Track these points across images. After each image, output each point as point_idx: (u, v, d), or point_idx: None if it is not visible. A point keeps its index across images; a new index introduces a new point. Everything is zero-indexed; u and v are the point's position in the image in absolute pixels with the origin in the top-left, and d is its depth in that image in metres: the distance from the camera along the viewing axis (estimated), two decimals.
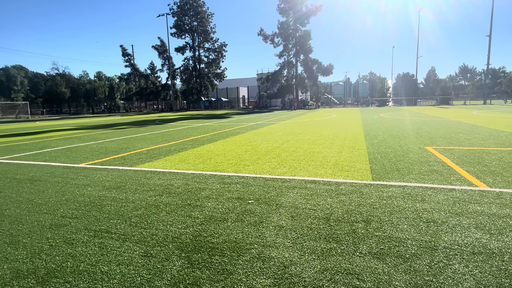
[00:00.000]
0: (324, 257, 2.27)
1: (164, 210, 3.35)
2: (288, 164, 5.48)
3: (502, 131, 9.66)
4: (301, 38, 48.59)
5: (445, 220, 2.87)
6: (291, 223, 2.89)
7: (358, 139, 8.62)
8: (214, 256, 2.33)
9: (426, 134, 9.39)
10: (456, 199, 3.41)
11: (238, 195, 3.78)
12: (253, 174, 4.83)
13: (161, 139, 10.21)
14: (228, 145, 8.22)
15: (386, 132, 10.10)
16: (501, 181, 4.05)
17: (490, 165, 4.95)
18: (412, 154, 6.07)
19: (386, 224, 2.81)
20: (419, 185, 3.99)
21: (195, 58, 57.48)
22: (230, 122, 17.91)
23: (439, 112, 24.03)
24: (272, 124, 15.58)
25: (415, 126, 12.20)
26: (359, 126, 12.63)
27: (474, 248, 2.33)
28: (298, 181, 4.33)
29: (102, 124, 21.11)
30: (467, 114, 19.49)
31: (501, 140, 7.62)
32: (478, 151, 6.27)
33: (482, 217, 2.91)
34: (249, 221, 2.97)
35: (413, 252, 2.30)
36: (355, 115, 21.71)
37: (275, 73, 51.25)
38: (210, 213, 3.22)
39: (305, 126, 13.42)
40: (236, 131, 12.06)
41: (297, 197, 3.64)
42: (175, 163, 5.91)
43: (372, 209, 3.18)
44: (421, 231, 2.65)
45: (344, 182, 4.22)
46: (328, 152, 6.62)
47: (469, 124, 12.26)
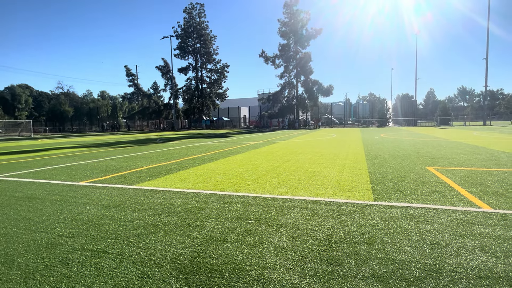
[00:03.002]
0: (326, 280, 2.20)
1: (162, 229, 3.30)
2: (288, 184, 5.44)
3: (503, 152, 9.64)
4: (301, 59, 49.66)
5: (449, 242, 2.81)
6: (292, 244, 2.83)
7: (359, 159, 8.61)
8: (213, 278, 2.27)
9: (427, 154, 9.37)
10: (460, 221, 3.36)
11: (238, 215, 3.72)
12: (253, 194, 4.79)
13: (162, 157, 10.22)
14: (229, 164, 8.21)
15: (387, 152, 10.09)
16: (504, 203, 4.00)
17: (492, 186, 4.91)
18: (413, 175, 6.03)
19: (389, 246, 2.75)
20: (421, 206, 3.94)
21: (197, 78, 58.55)
22: (231, 141, 17.97)
23: (439, 132, 24.10)
24: (273, 143, 15.62)
25: (416, 146, 12.20)
26: (360, 146, 12.63)
27: (480, 272, 2.27)
28: (299, 201, 4.29)
29: (103, 142, 21.20)
30: (468, 135, 19.54)
31: (502, 161, 7.59)
32: (479, 172, 6.23)
33: (487, 239, 2.85)
34: (249, 242, 2.91)
35: (418, 276, 2.24)
36: (355, 135, 21.79)
37: (276, 93, 51.99)
38: (209, 233, 3.16)
39: (305, 146, 13.44)
40: (237, 150, 12.07)
41: (298, 217, 3.59)
42: (175, 182, 5.88)
43: (374, 230, 3.13)
44: (425, 254, 2.58)
45: (346, 202, 4.18)
46: (329, 171, 6.59)
47: (469, 145, 12.26)
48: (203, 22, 57.03)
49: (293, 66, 51.00)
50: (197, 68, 58.24)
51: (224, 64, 58.51)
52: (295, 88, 51.95)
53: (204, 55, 57.88)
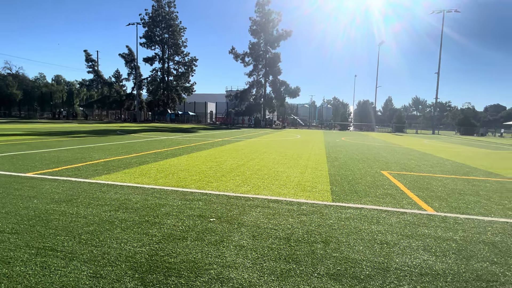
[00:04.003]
0: (283, 278, 2.27)
1: (119, 226, 3.16)
2: (252, 183, 5.49)
3: (447, 159, 10.58)
4: (271, 59, 50.15)
5: (397, 242, 3.03)
6: (252, 243, 2.87)
7: (321, 160, 8.93)
8: (171, 277, 2.22)
9: (382, 159, 9.98)
10: (407, 222, 3.63)
11: (199, 213, 3.68)
12: (216, 191, 4.76)
13: (121, 150, 9.75)
14: (193, 160, 8.07)
15: (347, 155, 10.58)
16: (445, 206, 4.40)
17: (436, 191, 5.37)
18: (369, 178, 6.40)
19: (343, 245, 2.90)
20: (374, 208, 4.19)
21: (163, 70, 56.60)
22: (196, 137, 17.67)
23: (394, 139, 25.77)
24: (239, 141, 15.63)
25: (373, 151, 12.94)
26: (322, 148, 13.10)
27: (422, 270, 2.48)
28: (261, 200, 4.35)
29: (56, 131, 19.71)
30: (419, 143, 21.13)
31: (446, 168, 8.33)
32: (426, 177, 6.79)
33: (429, 239, 3.12)
34: (210, 240, 2.89)
35: (368, 273, 2.39)
36: (318, 137, 22.54)
37: (244, 91, 51.98)
38: (169, 231, 3.09)
39: (271, 146, 13.63)
40: (201, 147, 11.90)
41: (259, 216, 3.64)
42: (135, 177, 5.65)
43: (331, 230, 3.27)
44: (375, 253, 2.76)
45: (306, 203, 4.32)
46: (292, 172, 6.76)
47: (420, 152, 13.28)
48: (173, 12, 55.22)
49: (262, 65, 51.33)
50: (164, 59, 56.28)
51: (193, 58, 57.22)
52: (263, 87, 52.38)
53: (172, 46, 56.09)
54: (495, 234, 3.34)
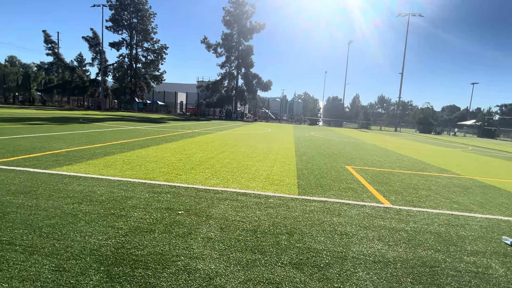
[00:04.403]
0: (249, 268, 2.38)
1: (83, 219, 3.09)
2: (221, 176, 5.54)
3: (406, 156, 11.33)
4: (243, 52, 49.84)
5: (356, 233, 3.27)
6: (220, 235, 2.95)
7: (290, 154, 9.17)
8: (137, 269, 2.24)
9: (347, 154, 10.46)
10: (366, 214, 3.91)
11: (167, 205, 3.69)
12: (185, 184, 4.76)
13: (84, 140, 9.31)
14: (161, 152, 7.93)
15: (315, 150, 10.95)
16: (401, 200, 4.77)
17: (394, 185, 5.78)
18: (334, 172, 6.71)
19: (306, 236, 3.07)
20: (337, 201, 4.44)
21: (131, 56, 54.12)
22: (166, 128, 17.26)
23: (360, 135, 26.96)
24: (209, 133, 15.52)
25: (340, 146, 13.49)
26: (292, 143, 13.42)
27: (376, 258, 2.71)
28: (230, 193, 4.42)
29: (10, 117, 18.27)
30: (382, 139, 22.30)
31: (404, 164, 8.93)
32: (386, 172, 7.25)
33: (384, 230, 3.39)
34: (178, 233, 2.93)
35: (327, 262, 2.57)
36: (288, 132, 22.98)
37: (215, 82, 51.32)
38: (136, 223, 3.08)
39: (241, 139, 13.70)
40: (171, 138, 11.68)
41: (227, 209, 3.72)
42: (100, 168, 5.47)
43: (295, 222, 3.44)
44: (335, 243, 2.97)
45: (273, 196, 4.46)
46: (261, 165, 6.90)
47: (382, 148, 14.06)
48: None
49: (234, 57, 50.87)
50: (131, 45, 53.76)
51: (163, 45, 55.24)
52: (235, 80, 52.05)
53: (140, 32, 53.69)
54: (441, 225, 3.70)
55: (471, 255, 2.91)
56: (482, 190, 5.91)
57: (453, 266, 2.66)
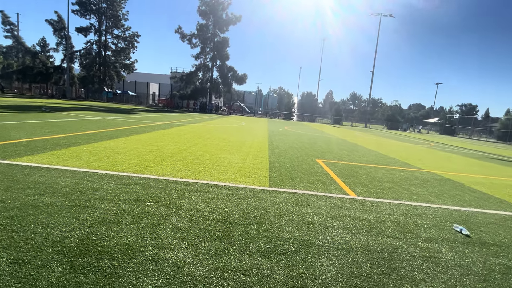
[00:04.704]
0: (217, 257, 2.42)
1: (44, 211, 2.97)
2: (193, 168, 5.51)
3: (373, 150, 11.85)
4: (219, 43, 49.13)
5: (322, 222, 3.41)
6: (189, 225, 2.96)
7: (263, 148, 9.27)
8: (103, 259, 2.21)
9: (319, 148, 10.76)
10: (333, 205, 4.08)
11: (136, 197, 3.62)
12: (155, 176, 4.69)
13: (47, 129, 8.82)
14: (131, 143, 7.71)
15: (288, 144, 11.14)
16: (366, 191, 5.02)
17: (360, 178, 6.05)
18: (305, 165, 6.89)
19: (275, 226, 3.16)
20: (306, 192, 4.59)
21: (100, 43, 51.48)
22: (136, 119, 16.72)
23: (331, 130, 27.73)
24: (182, 125, 15.26)
25: (312, 140, 13.82)
26: (265, 136, 13.55)
27: (339, 245, 2.86)
28: (201, 185, 4.42)
29: None
30: (352, 134, 23.10)
31: (371, 158, 9.35)
32: (354, 165, 7.56)
33: (348, 220, 3.57)
34: (146, 224, 2.90)
35: (293, 250, 2.68)
36: (263, 125, 23.12)
37: (190, 74, 50.24)
38: (102, 215, 3.00)
39: (215, 131, 13.62)
40: (142, 129, 11.36)
41: (198, 200, 3.73)
42: (64, 159, 5.23)
43: (265, 213, 3.52)
44: (302, 232, 3.08)
45: (244, 188, 4.52)
46: (234, 158, 6.93)
47: (351, 143, 14.59)
48: None
49: (210, 48, 50.01)
50: (100, 31, 51.09)
51: (134, 33, 53.02)
52: (210, 72, 51.27)
53: (110, 18, 51.13)
54: (400, 215, 3.96)
55: (425, 242, 3.15)
56: (439, 183, 6.35)
57: (408, 252, 2.88)
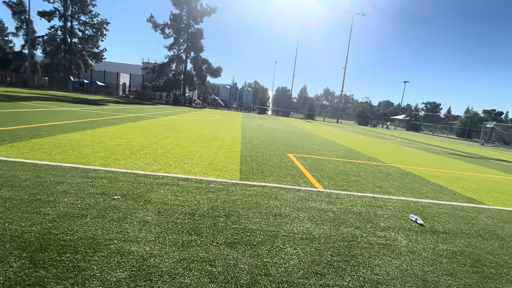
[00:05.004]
0: (184, 249, 2.46)
1: (2, 205, 2.83)
2: (163, 161, 5.45)
3: (343, 145, 12.29)
4: (193, 35, 48.08)
5: (289, 214, 3.54)
6: (157, 219, 2.96)
7: (235, 142, 9.31)
8: (65, 254, 2.17)
9: (291, 142, 10.98)
10: (300, 198, 4.23)
11: (102, 191, 3.55)
12: (123, 169, 4.59)
13: (5, 120, 8.27)
14: (99, 136, 7.44)
15: (260, 138, 11.26)
16: (332, 184, 5.24)
17: (328, 172, 6.29)
18: (276, 159, 7.04)
19: (243, 218, 3.24)
20: (276, 186, 4.72)
21: (65, 29, 48.51)
22: (105, 111, 16.07)
23: (304, 125, 28.28)
24: (154, 118, 14.89)
25: (284, 135, 14.05)
26: (238, 130, 13.58)
27: (303, 235, 3.00)
28: (171, 178, 4.40)
29: None
30: (324, 130, 23.72)
31: (340, 153, 9.71)
32: (323, 160, 7.83)
33: (314, 211, 3.73)
34: (112, 217, 2.87)
35: (260, 240, 2.77)
36: (237, 119, 23.11)
37: (162, 65, 48.82)
38: (65, 209, 2.92)
39: (187, 124, 13.44)
40: (110, 121, 10.96)
41: (167, 193, 3.72)
42: (24, 152, 4.97)
43: (234, 205, 3.59)
44: (269, 223, 3.19)
45: (215, 181, 4.56)
46: (206, 152, 6.92)
47: (323, 138, 15.01)
48: None
49: (184, 39, 48.82)
50: (66, 17, 48.10)
51: (103, 20, 50.50)
52: (184, 63, 50.13)
53: (77, 3, 48.23)
54: (363, 206, 4.19)
55: (383, 231, 3.38)
56: (401, 176, 6.76)
57: (367, 240, 3.08)
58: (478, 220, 4.21)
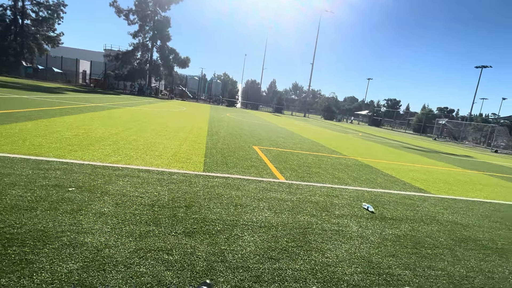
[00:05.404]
0: (141, 239, 2.46)
1: None
2: (124, 153, 5.29)
3: (308, 138, 12.68)
4: (160, 23, 46.31)
5: (249, 204, 3.64)
6: (114, 210, 2.91)
7: (201, 134, 9.24)
8: (11, 247, 2.08)
9: (257, 135, 11.11)
10: (262, 188, 4.35)
11: (56, 183, 3.40)
12: (80, 161, 4.41)
13: None
14: (54, 125, 7.01)
15: (227, 131, 11.27)
16: (294, 176, 5.43)
17: (291, 164, 6.50)
18: (241, 152, 7.11)
19: (203, 208, 3.29)
20: (239, 177, 4.80)
21: (16, 9, 44.35)
22: (62, 99, 15.08)
23: (272, 118, 28.62)
24: (116, 108, 14.25)
25: (252, 128, 14.16)
26: (205, 122, 13.45)
27: (262, 223, 3.11)
28: (131, 170, 4.31)
29: None
30: (291, 123, 24.20)
31: (304, 146, 10.02)
32: (288, 152, 8.05)
33: (274, 201, 3.87)
34: (65, 209, 2.77)
35: (219, 229, 2.84)
36: (204, 111, 22.81)
37: (127, 53, 46.56)
38: (13, 202, 2.77)
39: (152, 116, 13.06)
40: (67, 111, 10.33)
41: (126, 185, 3.65)
42: None
43: (195, 196, 3.62)
44: (229, 213, 3.27)
45: (177, 172, 4.54)
46: (170, 143, 6.81)
47: (289, 131, 15.34)
48: None
49: (149, 27, 46.85)
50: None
51: (60, 1, 46.89)
52: (150, 52, 48.21)
53: None
54: (321, 196, 4.41)
55: (337, 218, 3.60)
56: (359, 168, 7.16)
57: (321, 227, 3.27)
58: (423, 207, 4.61)
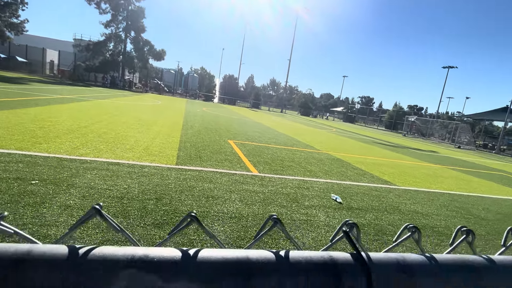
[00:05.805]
0: (108, 230, 2.43)
1: None
2: (93, 146, 5.14)
3: (283, 133, 12.85)
4: (134, 13, 44.71)
5: (221, 195, 3.68)
6: (80, 203, 2.85)
7: (176, 128, 9.12)
8: None
9: (233, 130, 11.12)
10: (235, 181, 4.40)
11: (18, 175, 3.26)
12: (45, 154, 4.23)
13: None
14: (17, 117, 6.64)
15: (203, 125, 11.18)
16: (267, 169, 5.52)
17: (265, 157, 6.59)
18: (216, 145, 7.11)
19: (174, 200, 3.29)
20: (212, 170, 4.81)
21: None
22: (27, 90, 14.24)
23: (249, 113, 28.67)
24: (86, 101, 13.68)
25: (228, 122, 14.13)
26: (181, 116, 13.26)
27: (232, 214, 3.16)
28: (100, 163, 4.20)
29: None
30: (268, 118, 24.37)
31: (280, 140, 10.17)
32: (262, 146, 8.14)
33: (246, 193, 3.93)
34: (28, 202, 2.68)
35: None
36: (180, 106, 22.42)
37: (98, 43, 44.63)
38: None
39: (125, 109, 12.68)
40: (32, 102, 9.79)
41: (94, 178, 3.56)
42: None
43: (166, 189, 3.60)
44: (201, 204, 3.29)
45: (149, 166, 4.48)
46: (142, 137, 6.67)
47: (265, 126, 15.46)
48: None
49: (123, 17, 45.11)
50: None
51: None
52: (123, 43, 46.49)
53: None
54: (292, 188, 4.53)
55: (306, 209, 3.73)
56: (331, 162, 7.39)
57: (291, 217, 3.38)
58: (388, 198, 4.87)
